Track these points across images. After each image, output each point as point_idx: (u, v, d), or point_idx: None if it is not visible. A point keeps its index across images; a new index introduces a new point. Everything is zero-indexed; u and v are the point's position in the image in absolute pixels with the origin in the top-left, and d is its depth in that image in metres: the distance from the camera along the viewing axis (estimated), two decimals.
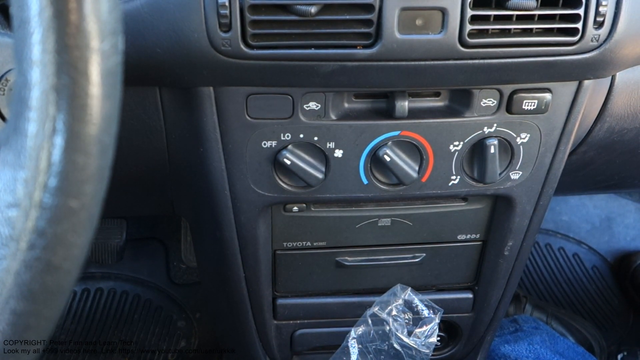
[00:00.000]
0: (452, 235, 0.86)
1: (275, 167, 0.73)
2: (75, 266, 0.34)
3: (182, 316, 1.47)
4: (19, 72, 0.32)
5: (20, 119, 0.32)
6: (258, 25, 0.60)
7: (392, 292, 0.83)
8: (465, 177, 0.77)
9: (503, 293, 0.94)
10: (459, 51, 0.63)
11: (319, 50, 0.62)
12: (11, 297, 0.33)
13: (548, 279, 1.59)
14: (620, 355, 1.41)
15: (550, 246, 1.64)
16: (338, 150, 0.73)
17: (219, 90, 0.68)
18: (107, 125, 0.33)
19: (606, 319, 1.52)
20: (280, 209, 0.81)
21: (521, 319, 1.16)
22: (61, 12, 0.30)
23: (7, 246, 0.32)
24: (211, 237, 0.84)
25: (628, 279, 1.55)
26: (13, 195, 0.32)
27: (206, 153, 0.72)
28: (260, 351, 0.96)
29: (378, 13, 0.61)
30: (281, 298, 0.91)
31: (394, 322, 0.81)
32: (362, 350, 0.84)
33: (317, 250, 0.85)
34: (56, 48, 0.30)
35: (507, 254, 0.88)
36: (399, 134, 0.72)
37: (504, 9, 0.62)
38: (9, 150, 0.33)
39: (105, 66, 0.32)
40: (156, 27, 0.61)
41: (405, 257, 0.87)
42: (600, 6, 0.63)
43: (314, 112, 0.70)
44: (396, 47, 0.62)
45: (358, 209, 0.82)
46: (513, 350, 1.01)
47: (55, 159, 0.31)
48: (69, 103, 0.31)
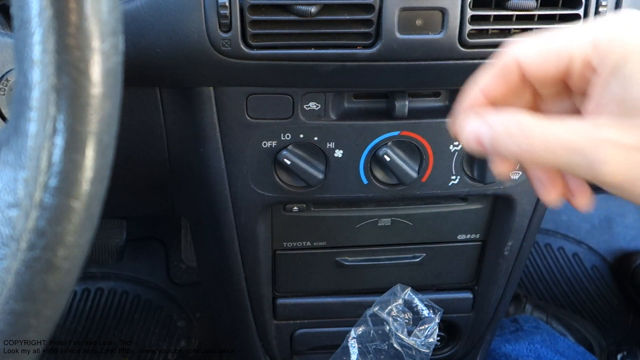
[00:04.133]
0: (452, 235, 0.86)
1: (275, 167, 0.73)
2: (76, 266, 0.34)
3: (182, 316, 1.47)
4: (20, 72, 0.32)
5: (21, 119, 0.32)
6: (258, 25, 0.60)
7: (392, 292, 0.83)
8: (465, 177, 0.77)
9: (503, 293, 0.94)
10: (459, 51, 0.63)
11: (319, 51, 0.62)
12: (11, 297, 0.33)
13: (548, 278, 1.59)
14: (620, 355, 1.41)
15: (550, 246, 1.64)
16: (338, 150, 0.73)
17: (219, 90, 0.68)
18: (108, 125, 0.33)
19: (606, 318, 1.52)
20: (280, 209, 0.81)
21: (522, 318, 1.16)
22: (61, 12, 0.30)
23: (8, 246, 0.33)
24: (211, 237, 0.84)
25: (628, 279, 1.55)
26: (13, 195, 0.32)
27: (206, 153, 0.73)
28: (260, 351, 0.96)
29: (378, 13, 0.61)
30: (281, 298, 0.91)
31: (394, 322, 0.81)
32: (362, 350, 0.84)
33: (317, 250, 0.85)
34: (56, 48, 0.30)
35: (507, 254, 0.88)
36: (399, 134, 0.72)
37: (504, 9, 0.62)
38: (9, 150, 0.33)
39: (106, 66, 0.32)
40: (156, 27, 0.61)
41: (405, 257, 0.88)
42: (600, 6, 0.63)
43: (314, 112, 0.70)
44: (396, 47, 0.62)
45: (358, 209, 0.82)
46: (514, 349, 1.01)
47: (55, 159, 0.31)
48: (70, 103, 0.31)
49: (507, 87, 0.44)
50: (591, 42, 0.40)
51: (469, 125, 0.43)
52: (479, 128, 0.42)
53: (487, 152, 0.43)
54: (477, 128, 0.42)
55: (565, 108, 0.45)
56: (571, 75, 0.41)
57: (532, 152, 0.40)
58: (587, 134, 0.38)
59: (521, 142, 0.40)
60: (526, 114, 0.41)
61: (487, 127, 0.42)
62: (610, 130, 0.38)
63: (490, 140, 0.42)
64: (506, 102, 0.45)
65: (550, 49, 0.41)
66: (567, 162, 0.39)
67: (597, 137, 0.38)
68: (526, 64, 0.42)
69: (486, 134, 0.42)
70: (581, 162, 0.38)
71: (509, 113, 0.42)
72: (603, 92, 0.39)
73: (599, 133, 0.38)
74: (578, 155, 0.38)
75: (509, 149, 0.41)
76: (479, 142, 0.42)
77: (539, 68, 0.42)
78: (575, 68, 0.41)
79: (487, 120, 0.42)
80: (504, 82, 0.44)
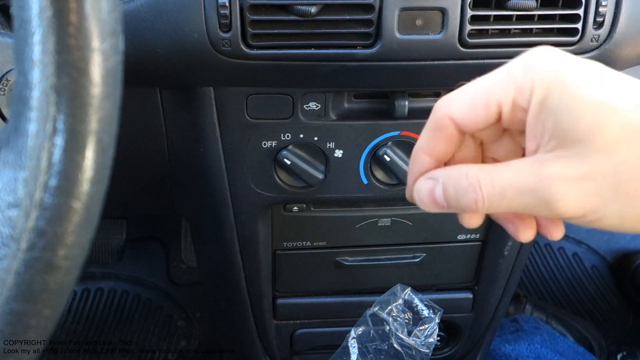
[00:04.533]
0: (452, 235, 0.86)
1: (275, 167, 0.73)
2: (76, 266, 0.34)
3: (182, 316, 1.47)
4: (20, 72, 0.32)
5: (21, 119, 0.32)
6: (258, 25, 0.60)
7: (392, 292, 0.83)
8: None
9: (503, 293, 0.94)
10: (459, 51, 0.63)
11: (319, 51, 0.62)
12: (11, 297, 0.33)
13: (548, 278, 1.59)
14: (620, 355, 1.41)
15: (550, 246, 1.64)
16: (338, 150, 0.73)
17: (219, 91, 0.68)
18: (108, 125, 0.33)
19: (606, 318, 1.52)
20: (280, 209, 0.81)
21: (522, 318, 1.16)
22: (61, 12, 0.30)
23: (8, 246, 0.33)
24: (211, 237, 0.84)
25: (628, 279, 1.55)
26: (14, 196, 0.32)
27: (206, 153, 0.73)
28: (260, 351, 0.96)
29: (378, 13, 0.61)
30: (281, 298, 0.91)
31: (394, 322, 0.81)
32: (362, 350, 0.84)
33: (317, 250, 0.85)
34: (56, 48, 0.30)
35: (506, 253, 0.88)
36: (399, 134, 0.72)
37: (504, 9, 0.62)
38: (9, 150, 0.33)
39: (106, 66, 0.32)
40: (156, 27, 0.61)
41: (405, 257, 0.88)
42: (600, 6, 0.63)
43: (314, 112, 0.70)
44: (396, 47, 0.62)
45: (358, 209, 0.82)
46: (514, 349, 1.01)
47: (55, 159, 0.31)
48: (70, 103, 0.31)
49: (448, 143, 0.44)
50: (513, 84, 0.40)
51: (422, 187, 0.44)
52: (430, 187, 0.43)
53: (445, 209, 0.43)
54: (428, 187, 0.43)
55: (512, 149, 0.46)
56: (504, 119, 0.41)
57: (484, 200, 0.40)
58: (533, 174, 0.39)
59: (471, 192, 0.41)
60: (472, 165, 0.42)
61: (437, 184, 0.43)
62: (552, 166, 0.38)
63: (443, 196, 0.42)
64: (453, 158, 0.46)
65: (477, 101, 0.42)
66: (521, 204, 0.39)
67: (543, 175, 0.38)
68: (457, 118, 0.42)
69: (438, 192, 0.43)
70: (535, 203, 0.39)
71: (455, 167, 0.43)
72: (536, 128, 0.39)
73: (543, 171, 0.38)
74: (530, 196, 0.39)
75: (462, 201, 0.41)
76: (434, 201, 0.43)
77: (470, 119, 0.42)
78: (506, 112, 0.41)
79: (435, 178, 0.43)
80: (443, 138, 0.44)
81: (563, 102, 0.37)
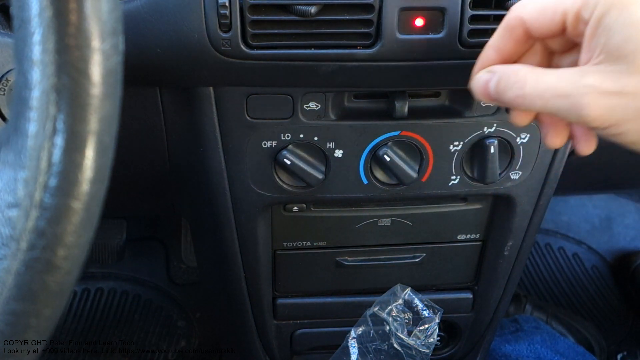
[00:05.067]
0: (452, 235, 0.86)
1: (275, 167, 0.73)
2: (76, 266, 0.34)
3: (182, 316, 1.47)
4: (20, 72, 0.32)
5: (21, 119, 0.32)
6: (258, 25, 0.60)
7: (392, 292, 0.83)
8: (465, 177, 0.77)
9: (503, 293, 0.94)
10: (459, 51, 0.63)
11: (319, 51, 0.62)
12: (11, 297, 0.33)
13: (548, 278, 1.59)
14: (620, 355, 1.41)
15: (550, 246, 1.64)
16: (338, 150, 0.73)
17: (219, 90, 0.68)
18: (108, 125, 0.33)
19: (606, 319, 1.52)
20: (280, 209, 0.81)
21: (522, 318, 1.16)
22: (61, 12, 0.30)
23: (8, 246, 0.33)
24: (211, 237, 0.84)
25: (628, 279, 1.55)
26: (14, 196, 0.32)
27: (206, 153, 0.73)
28: (260, 351, 0.96)
29: (378, 13, 0.61)
30: (281, 298, 0.91)
31: (394, 322, 0.81)
32: (362, 350, 0.84)
33: (317, 250, 0.85)
34: (56, 48, 0.30)
35: (507, 254, 0.88)
36: (399, 134, 0.72)
37: (504, 9, 0.62)
38: (9, 150, 0.33)
39: (106, 66, 0.32)
40: (156, 27, 0.61)
41: (405, 257, 0.88)
42: None
43: (314, 112, 0.70)
44: (396, 47, 0.62)
45: (358, 209, 0.82)
46: (514, 349, 1.01)
47: (55, 159, 0.31)
48: (70, 103, 0.31)
49: (515, 43, 0.50)
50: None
51: (480, 77, 0.51)
52: (487, 78, 0.50)
53: (493, 100, 0.50)
54: (485, 78, 0.50)
55: (574, 62, 0.49)
56: (568, 29, 0.46)
57: (524, 97, 0.46)
58: (573, 81, 0.43)
59: (517, 88, 0.46)
60: (527, 66, 0.47)
61: (493, 76, 0.49)
62: (592, 77, 0.42)
63: (493, 86, 0.49)
64: (520, 60, 0.51)
65: (547, 6, 0.46)
66: (555, 106, 0.44)
67: (580, 84, 0.43)
68: (527, 20, 0.47)
69: (492, 83, 0.49)
70: (567, 107, 0.43)
71: (513, 65, 0.48)
72: (591, 42, 0.44)
73: (582, 80, 0.43)
74: (564, 100, 0.43)
75: (508, 94, 0.47)
76: (486, 89, 0.50)
77: (538, 23, 0.47)
78: (570, 22, 0.45)
79: (494, 71, 0.49)
80: (511, 38, 0.50)
81: (619, 21, 0.41)
